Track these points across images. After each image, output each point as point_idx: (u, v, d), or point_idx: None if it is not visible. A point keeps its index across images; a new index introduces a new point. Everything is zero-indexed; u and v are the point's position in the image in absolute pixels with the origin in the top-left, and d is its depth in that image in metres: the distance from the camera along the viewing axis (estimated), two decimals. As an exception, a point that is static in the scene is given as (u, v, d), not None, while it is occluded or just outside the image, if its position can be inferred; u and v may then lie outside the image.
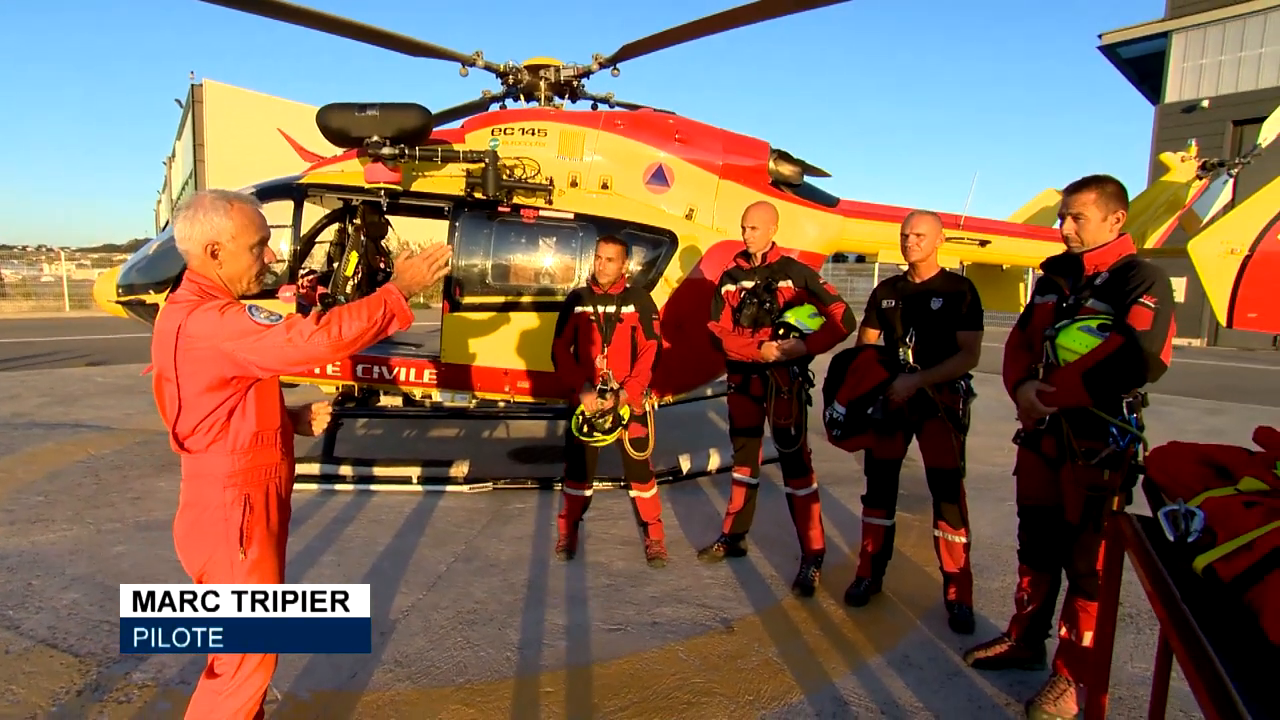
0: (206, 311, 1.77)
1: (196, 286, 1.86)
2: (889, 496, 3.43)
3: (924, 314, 3.21)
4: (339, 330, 1.78)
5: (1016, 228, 5.72)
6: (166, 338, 1.79)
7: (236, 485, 1.87)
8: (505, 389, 5.08)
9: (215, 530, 1.86)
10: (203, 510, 1.86)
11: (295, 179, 5.35)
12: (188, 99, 28.32)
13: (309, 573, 3.67)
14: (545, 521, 4.51)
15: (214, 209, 1.85)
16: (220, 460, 1.86)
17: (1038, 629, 2.84)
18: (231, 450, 1.86)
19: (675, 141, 5.27)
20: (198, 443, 1.84)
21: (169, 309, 1.82)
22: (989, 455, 5.40)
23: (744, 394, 3.79)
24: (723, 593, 3.57)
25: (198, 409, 1.81)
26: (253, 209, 1.91)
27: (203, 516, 1.87)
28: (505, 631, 3.13)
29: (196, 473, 1.87)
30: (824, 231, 5.47)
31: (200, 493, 1.87)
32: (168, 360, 1.79)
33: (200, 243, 1.85)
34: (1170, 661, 1.43)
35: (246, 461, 1.89)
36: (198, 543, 1.88)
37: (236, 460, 1.87)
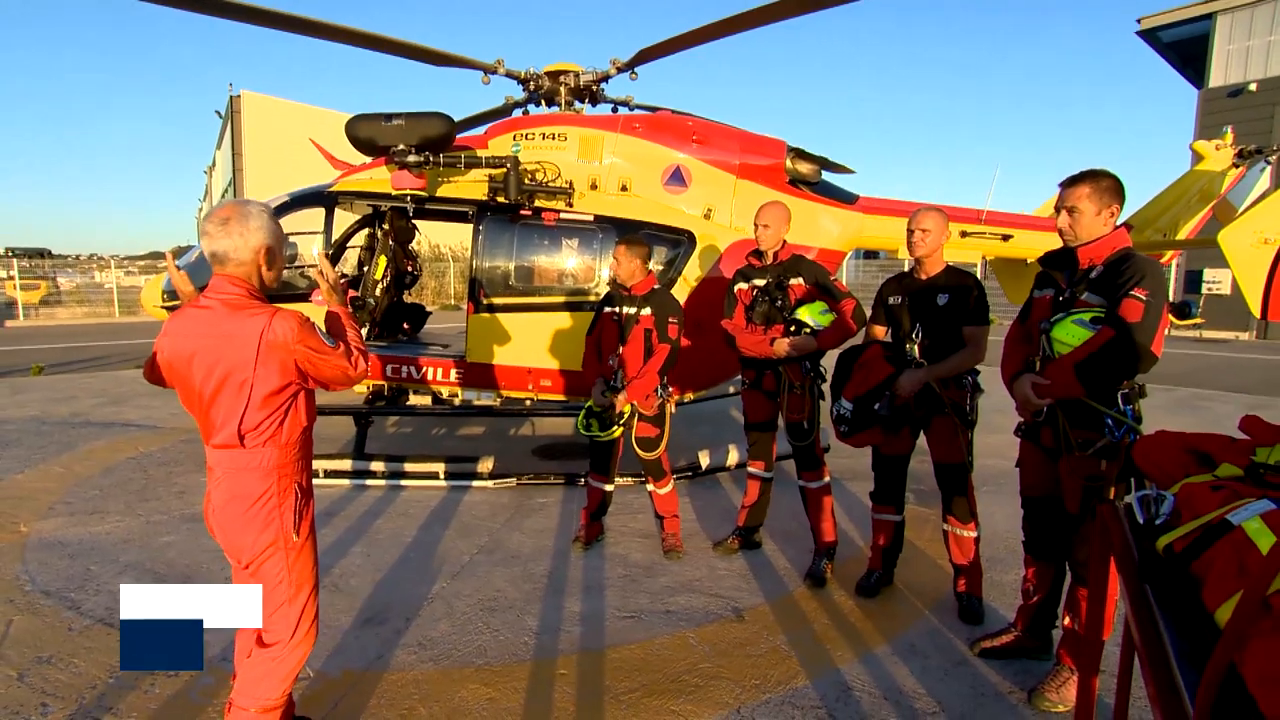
0: (288, 320, 1.96)
1: (244, 290, 2.02)
2: (897, 492, 3.48)
3: (930, 310, 3.26)
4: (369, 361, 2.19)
5: (1040, 221, 5.68)
6: (246, 340, 1.94)
7: (289, 475, 2.08)
8: (529, 387, 5.24)
9: (270, 517, 2.05)
10: (254, 500, 2.03)
11: (326, 187, 5.59)
12: (227, 110, 29.24)
13: (340, 563, 3.88)
14: (567, 515, 4.66)
15: (266, 216, 2.06)
16: (274, 453, 2.04)
17: (1044, 619, 2.88)
18: (285, 443, 2.06)
19: (693, 143, 5.37)
20: (257, 438, 2.01)
21: (234, 313, 1.96)
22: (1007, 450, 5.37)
23: (758, 390, 3.88)
24: (736, 583, 3.67)
25: (265, 407, 1.99)
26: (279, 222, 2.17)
27: (256, 506, 2.03)
28: (524, 618, 3.28)
29: (246, 466, 2.02)
30: (843, 229, 5.51)
31: (250, 484, 2.03)
32: (244, 361, 1.94)
33: (254, 248, 2.03)
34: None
35: (295, 453, 2.10)
36: (252, 531, 2.04)
37: (287, 453, 2.07)
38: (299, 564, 2.12)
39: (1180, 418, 7.79)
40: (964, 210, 5.37)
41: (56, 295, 23.23)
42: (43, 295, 22.45)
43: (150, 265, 33.07)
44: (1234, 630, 0.96)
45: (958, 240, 5.31)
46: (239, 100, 28.26)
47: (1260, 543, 1.07)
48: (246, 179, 27.86)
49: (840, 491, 5.09)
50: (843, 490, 5.14)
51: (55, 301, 22.59)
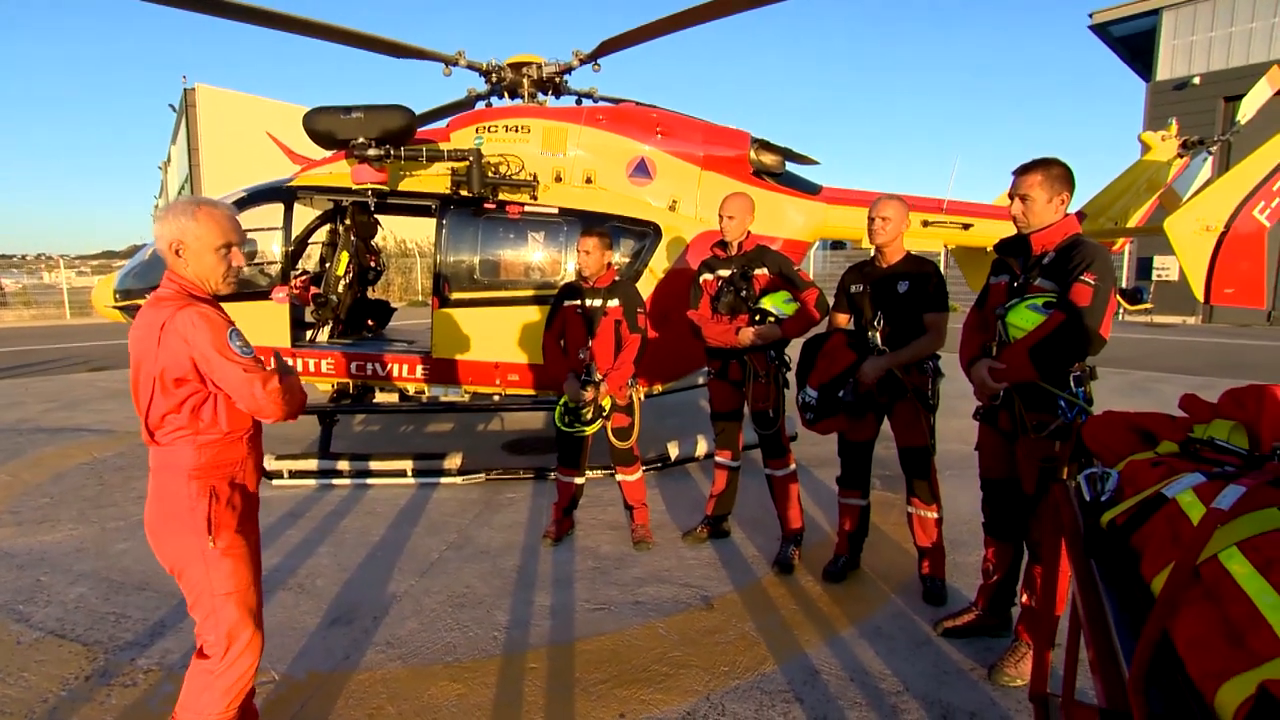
0: (197, 315, 1.89)
1: (176, 285, 1.99)
2: (863, 477, 3.54)
3: (891, 297, 3.31)
4: (290, 397, 1.99)
5: (999, 210, 5.80)
6: (150, 329, 1.91)
7: (202, 477, 1.97)
8: (496, 382, 5.20)
9: (184, 521, 1.96)
10: (171, 502, 1.97)
11: (285, 182, 5.47)
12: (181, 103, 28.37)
13: (306, 563, 3.81)
14: (536, 510, 4.64)
15: (182, 211, 1.98)
16: (186, 452, 1.96)
17: (1003, 597, 2.96)
18: (198, 445, 1.97)
19: (657, 135, 5.37)
20: (166, 435, 1.95)
21: (154, 304, 1.94)
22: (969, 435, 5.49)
23: (723, 379, 3.91)
24: (705, 572, 3.70)
25: (168, 400, 1.92)
26: (222, 214, 2.03)
27: (171, 508, 1.97)
28: (493, 613, 3.27)
29: (164, 465, 1.97)
30: (808, 219, 5.57)
31: (167, 485, 1.97)
32: (148, 350, 1.91)
33: (166, 241, 1.97)
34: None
35: (212, 455, 1.99)
36: (169, 534, 1.98)
37: (203, 454, 1.97)
38: (219, 574, 2.00)
39: (1132, 399, 8.06)
40: (926, 200, 5.47)
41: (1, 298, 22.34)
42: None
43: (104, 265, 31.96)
44: (1166, 598, 1.00)
45: (920, 229, 5.40)
46: (194, 93, 27.43)
47: (1191, 514, 1.12)
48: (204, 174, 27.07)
49: (807, 478, 5.16)
50: (810, 477, 5.21)
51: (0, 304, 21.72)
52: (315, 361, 5.26)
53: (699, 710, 2.55)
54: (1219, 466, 1.30)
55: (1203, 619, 0.95)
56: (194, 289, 2.01)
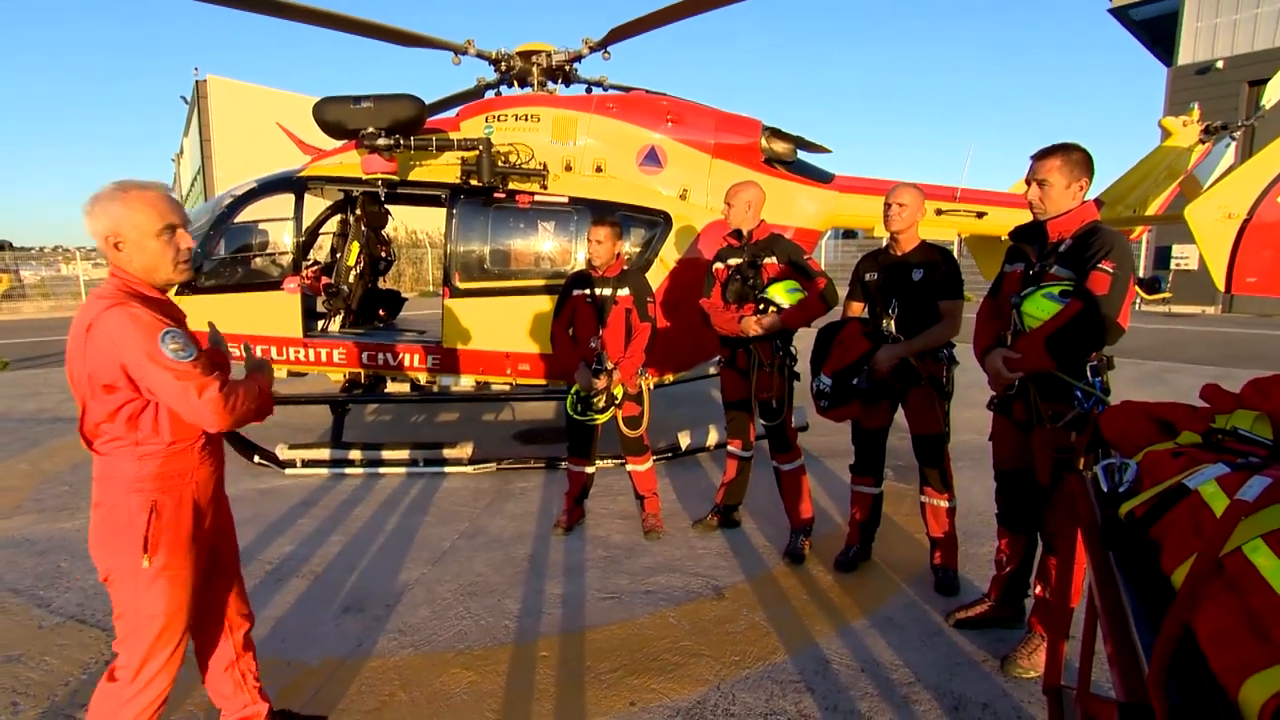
0: (126, 317, 1.71)
1: (119, 281, 1.81)
2: (876, 465, 3.52)
3: (905, 285, 3.28)
4: (235, 402, 1.79)
5: (1014, 198, 5.72)
6: (77, 329, 1.75)
7: (143, 491, 1.81)
8: (507, 371, 5.20)
9: (120, 535, 1.80)
10: (109, 512, 1.82)
11: (295, 172, 5.47)
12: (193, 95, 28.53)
13: (319, 551, 3.85)
14: (547, 499, 4.65)
15: (110, 199, 1.78)
16: (127, 464, 1.80)
17: (1016, 589, 2.94)
18: (139, 456, 1.81)
19: (667, 123, 5.32)
20: (104, 444, 1.80)
21: (88, 302, 1.78)
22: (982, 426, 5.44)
23: (732, 368, 3.89)
24: (715, 562, 3.70)
25: (100, 407, 1.77)
26: (155, 194, 1.82)
27: (109, 519, 1.82)
28: (505, 602, 3.29)
29: (103, 475, 1.83)
30: (819, 207, 5.51)
31: (106, 495, 1.82)
32: (75, 352, 1.76)
33: (101, 235, 1.79)
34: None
35: (156, 467, 1.83)
36: (104, 545, 1.83)
37: (144, 465, 1.81)
38: (149, 595, 1.83)
39: (1149, 390, 7.95)
40: (940, 188, 5.39)
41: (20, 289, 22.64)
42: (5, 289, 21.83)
43: (119, 256, 32.21)
44: (1188, 590, 0.98)
45: (933, 218, 5.34)
46: (205, 85, 27.58)
47: (1215, 505, 1.09)
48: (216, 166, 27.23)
49: (818, 469, 5.14)
50: (821, 467, 5.19)
51: (19, 295, 22.01)
52: (327, 351, 5.28)
53: (710, 699, 2.55)
54: (1243, 457, 1.27)
55: (1226, 612, 0.93)
56: (139, 284, 1.84)
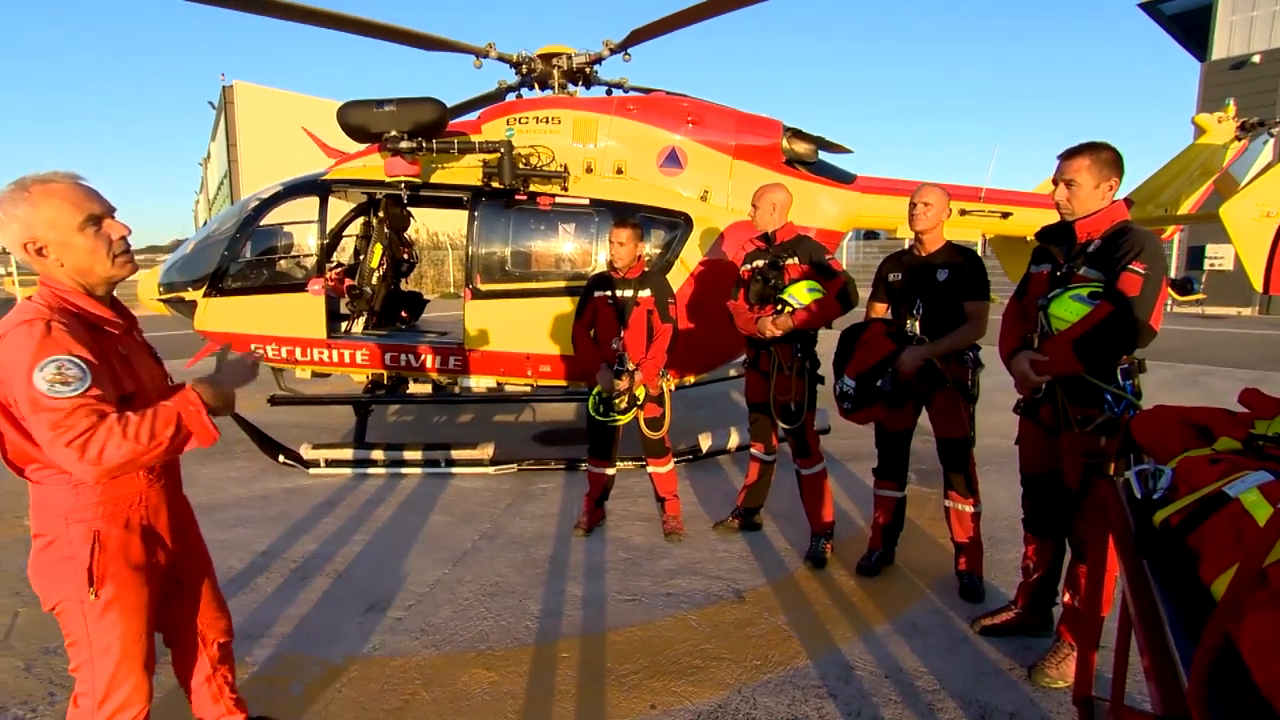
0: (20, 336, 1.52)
1: (49, 293, 1.64)
2: (899, 468, 3.48)
3: (930, 286, 3.24)
4: (98, 453, 1.49)
5: (1039, 198, 5.63)
6: None
7: (83, 521, 1.65)
8: (528, 373, 5.23)
9: (63, 568, 1.66)
10: (50, 544, 1.67)
11: (319, 175, 5.55)
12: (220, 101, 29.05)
13: (342, 551, 3.89)
14: (568, 501, 4.67)
15: (15, 203, 1.57)
16: (62, 494, 1.64)
17: (1044, 596, 2.88)
18: (75, 484, 1.63)
19: (688, 124, 5.32)
20: (34, 471, 1.65)
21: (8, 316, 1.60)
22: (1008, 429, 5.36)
23: (755, 369, 3.88)
24: (736, 565, 3.68)
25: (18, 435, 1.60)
26: (63, 185, 1.62)
27: (50, 551, 1.67)
28: (525, 602, 3.30)
29: (40, 503, 1.68)
30: (841, 208, 5.47)
31: (46, 523, 1.68)
32: None
33: (19, 244, 1.59)
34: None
35: (95, 495, 1.66)
36: (47, 577, 1.69)
37: (83, 494, 1.64)
38: (103, 625, 1.70)
39: (1182, 394, 7.77)
40: (963, 188, 5.33)
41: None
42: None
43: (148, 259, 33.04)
44: (1230, 601, 0.96)
45: (957, 219, 5.27)
46: (231, 90, 28.07)
47: (1257, 514, 1.06)
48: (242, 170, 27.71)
49: (841, 472, 5.10)
50: (843, 470, 5.14)
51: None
52: (350, 352, 5.34)
53: (731, 703, 2.54)
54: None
55: (1271, 623, 0.90)
56: (70, 293, 1.65)
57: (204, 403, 1.66)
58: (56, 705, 2.55)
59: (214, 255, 5.38)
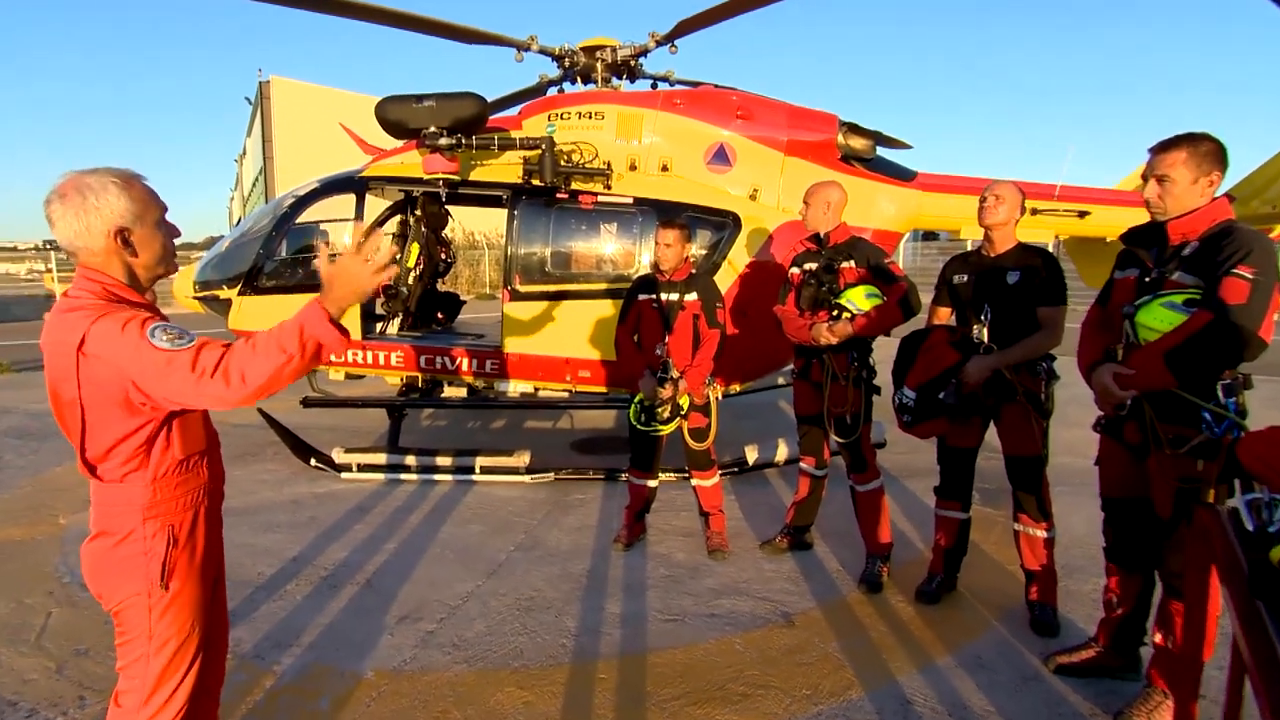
0: (113, 326, 1.61)
1: (98, 286, 1.70)
2: (963, 487, 3.37)
3: (1000, 289, 3.13)
4: (241, 375, 1.60)
5: (1121, 195, 5.42)
6: (65, 350, 1.63)
7: (159, 516, 1.76)
8: (567, 378, 5.24)
9: (135, 564, 1.74)
10: (120, 541, 1.75)
11: (356, 172, 5.67)
12: (256, 96, 29.99)
13: (373, 559, 3.95)
14: (607, 512, 4.66)
15: (107, 189, 1.67)
16: (139, 490, 1.73)
17: (1130, 635, 2.74)
18: (153, 479, 1.74)
19: (737, 119, 5.28)
20: (112, 471, 1.72)
21: (64, 316, 1.66)
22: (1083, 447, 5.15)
23: (805, 379, 3.81)
24: (785, 586, 3.62)
25: (107, 434, 1.69)
26: (144, 181, 1.76)
27: (121, 548, 1.75)
28: (562, 619, 3.29)
29: (111, 500, 1.75)
30: (900, 208, 5.36)
31: (116, 521, 1.75)
32: (64, 374, 1.64)
33: (105, 232, 1.67)
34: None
35: (170, 490, 1.77)
36: (115, 575, 1.77)
37: (159, 490, 1.75)
38: (166, 619, 1.79)
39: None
40: (1036, 185, 5.15)
41: (99, 287, 24.20)
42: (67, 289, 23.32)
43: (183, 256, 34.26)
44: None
45: (1029, 219, 5.08)
46: (268, 86, 28.95)
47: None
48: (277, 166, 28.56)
49: (898, 489, 4.97)
50: (900, 488, 5.01)
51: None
52: (385, 354, 5.44)
53: (780, 736, 2.48)
54: None
55: None
56: (117, 287, 1.73)
57: (330, 309, 1.69)
58: (87, 709, 2.64)
59: (249, 253, 5.54)
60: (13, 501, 4.92)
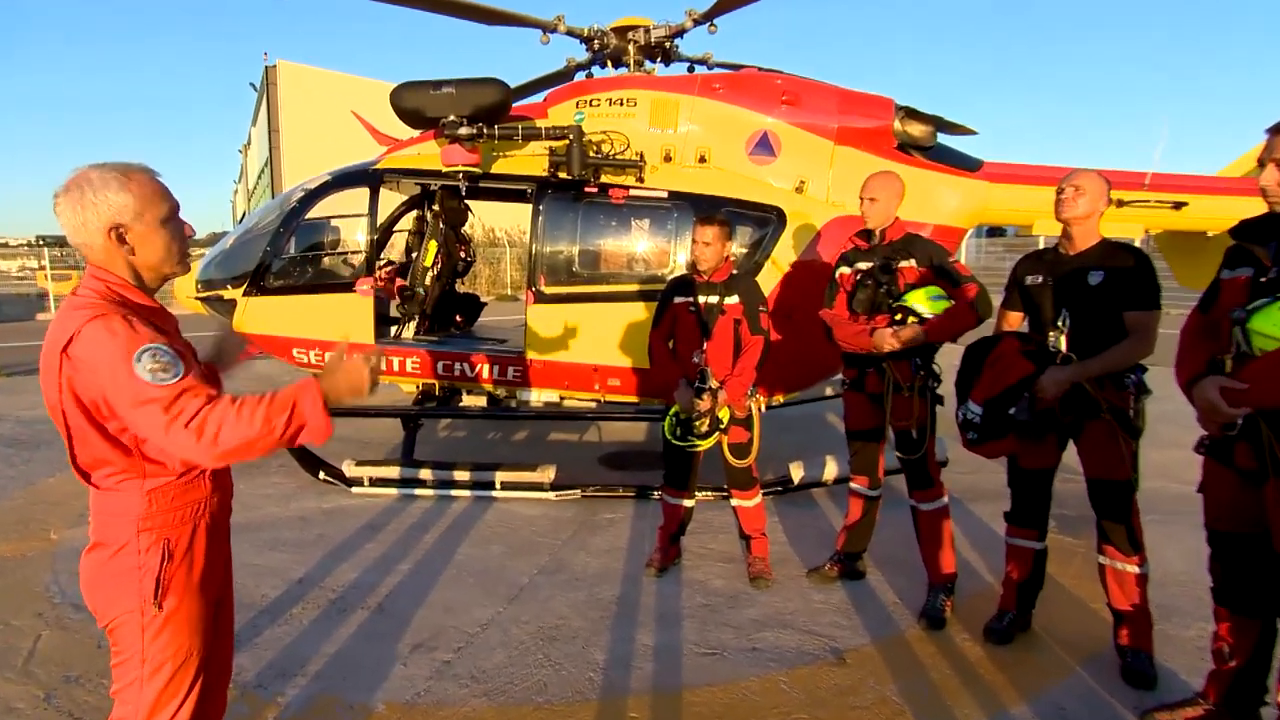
0: (100, 332, 1.64)
1: (103, 286, 1.75)
2: (1039, 514, 3.28)
3: (1081, 291, 3.04)
4: (215, 434, 1.62)
5: (1225, 183, 5.24)
6: (53, 349, 1.67)
7: (154, 529, 1.78)
8: (595, 387, 5.25)
9: (128, 578, 1.77)
10: (114, 553, 1.77)
11: (370, 164, 5.76)
12: (262, 82, 30.59)
13: (385, 580, 3.97)
14: (638, 533, 4.64)
15: (107, 185, 1.72)
16: (135, 500, 1.76)
17: (1247, 693, 2.59)
18: (147, 490, 1.77)
19: (782, 104, 5.25)
20: (105, 478, 1.76)
21: (64, 313, 1.70)
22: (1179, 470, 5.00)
23: (859, 391, 3.75)
24: (835, 619, 3.56)
25: (96, 442, 1.73)
26: (149, 176, 1.80)
27: (115, 561, 1.77)
28: (589, 650, 3.27)
29: (107, 509, 1.79)
30: (964, 200, 5.27)
31: (111, 532, 1.78)
32: (50, 374, 1.69)
33: (100, 229, 1.72)
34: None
35: (167, 501, 1.80)
36: (108, 590, 1.79)
37: (155, 500, 1.78)
38: (161, 641, 1.80)
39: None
40: (1123, 174, 5.01)
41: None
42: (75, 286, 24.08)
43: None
44: None
45: (1114, 212, 4.94)
46: (275, 71, 29.52)
47: None
48: (285, 157, 29.13)
49: (962, 514, 4.86)
50: (965, 512, 4.90)
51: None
52: (400, 360, 5.50)
53: (832, 789, 2.43)
54: None
55: None
56: (124, 288, 1.78)
57: (324, 396, 1.72)
58: (84, 737, 2.68)
59: (255, 251, 5.64)
60: (2, 514, 5.04)
